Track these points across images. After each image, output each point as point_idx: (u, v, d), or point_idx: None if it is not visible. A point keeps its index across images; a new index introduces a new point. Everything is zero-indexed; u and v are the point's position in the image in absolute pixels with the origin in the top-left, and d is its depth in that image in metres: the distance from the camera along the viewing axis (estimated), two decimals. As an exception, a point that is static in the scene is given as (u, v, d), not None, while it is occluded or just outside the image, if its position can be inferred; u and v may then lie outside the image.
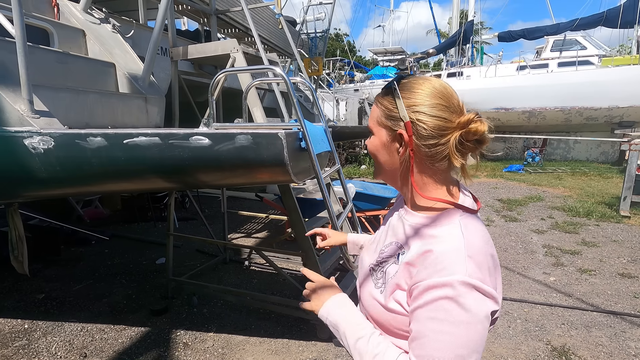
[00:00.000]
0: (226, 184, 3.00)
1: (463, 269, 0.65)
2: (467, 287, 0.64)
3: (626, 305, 3.14)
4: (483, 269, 0.67)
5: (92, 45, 2.89)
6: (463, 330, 0.64)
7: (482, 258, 0.68)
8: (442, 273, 0.66)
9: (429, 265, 0.68)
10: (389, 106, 0.76)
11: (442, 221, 0.74)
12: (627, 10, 11.33)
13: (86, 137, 1.70)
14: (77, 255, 4.36)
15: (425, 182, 0.77)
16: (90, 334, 2.76)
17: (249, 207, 6.26)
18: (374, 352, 0.73)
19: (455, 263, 0.66)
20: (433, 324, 0.65)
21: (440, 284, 0.65)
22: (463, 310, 0.64)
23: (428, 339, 0.66)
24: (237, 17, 4.71)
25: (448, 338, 0.64)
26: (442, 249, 0.69)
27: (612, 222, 5.60)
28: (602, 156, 12.33)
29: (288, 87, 1.76)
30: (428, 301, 0.66)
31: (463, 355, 0.64)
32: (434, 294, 0.66)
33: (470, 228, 0.72)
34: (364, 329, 0.77)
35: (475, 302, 0.64)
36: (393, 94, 0.75)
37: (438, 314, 0.65)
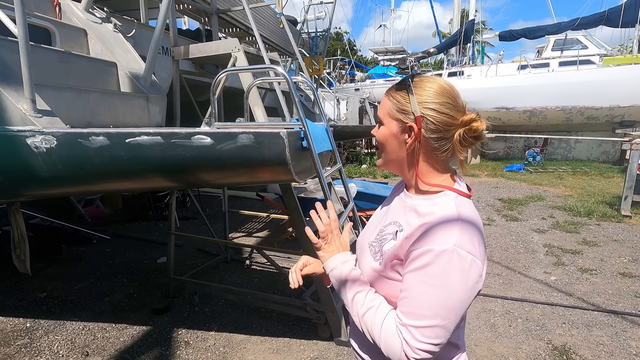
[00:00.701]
0: (228, 183, 3.00)
1: (454, 239, 0.74)
2: (455, 255, 0.73)
3: (627, 305, 3.14)
4: (474, 241, 0.75)
5: (94, 44, 2.89)
6: (446, 293, 0.73)
7: (474, 231, 0.77)
8: (435, 242, 0.74)
9: (424, 235, 0.77)
10: (401, 100, 0.83)
11: (439, 200, 0.83)
12: (628, 10, 11.30)
13: (88, 136, 1.70)
14: (79, 254, 4.38)
15: (428, 170, 0.85)
16: (92, 333, 2.77)
17: (250, 207, 6.27)
18: (369, 305, 0.83)
19: (447, 233, 0.75)
20: (421, 286, 0.74)
21: (431, 251, 0.74)
22: (448, 275, 0.72)
23: (414, 299, 0.75)
24: (238, 16, 4.71)
25: (431, 299, 0.73)
26: (437, 220, 0.78)
27: (613, 221, 5.60)
28: (603, 156, 12.31)
29: (290, 86, 1.76)
30: (419, 266, 0.75)
31: (442, 315, 0.73)
32: (424, 259, 0.74)
33: (464, 205, 0.81)
34: (363, 286, 0.87)
35: (462, 268, 0.73)
36: (407, 90, 0.83)
37: (426, 278, 0.74)
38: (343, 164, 12.42)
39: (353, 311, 0.85)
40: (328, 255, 0.94)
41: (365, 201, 4.92)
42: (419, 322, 0.74)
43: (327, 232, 0.96)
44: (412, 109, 0.81)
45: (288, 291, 3.41)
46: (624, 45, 16.63)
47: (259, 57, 3.27)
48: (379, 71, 20.95)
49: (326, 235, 0.96)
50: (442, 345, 0.75)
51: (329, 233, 0.96)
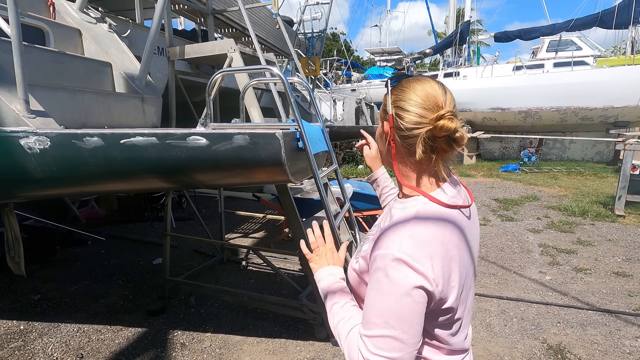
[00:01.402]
0: (224, 184, 2.99)
1: (398, 246, 0.72)
2: (396, 261, 0.70)
3: (621, 304, 3.17)
4: (420, 250, 0.71)
5: (89, 44, 2.87)
6: (391, 300, 0.70)
7: (424, 242, 0.73)
8: (383, 246, 0.74)
9: (379, 239, 0.77)
10: (384, 100, 0.85)
11: (408, 204, 0.82)
12: (622, 11, 11.42)
13: (82, 137, 1.69)
14: (73, 255, 4.34)
15: (407, 171, 0.84)
16: (86, 335, 2.75)
17: (247, 207, 6.25)
18: (341, 316, 0.84)
19: (393, 240, 0.74)
20: (371, 293, 0.74)
21: (378, 256, 0.74)
22: (390, 281, 0.70)
23: (367, 306, 0.74)
24: (234, 16, 4.71)
25: (379, 306, 0.71)
26: (391, 224, 0.78)
27: (607, 221, 5.64)
28: (597, 156, 12.42)
29: (285, 87, 1.76)
30: (371, 272, 0.75)
31: (391, 324, 0.69)
32: (374, 265, 0.74)
33: (428, 211, 0.78)
34: (342, 298, 0.88)
35: (401, 275, 0.70)
36: (388, 91, 0.84)
37: (374, 284, 0.73)
38: (339, 165, 12.37)
39: (330, 322, 0.87)
40: (317, 267, 0.98)
41: (361, 201, 4.93)
42: (370, 332, 0.71)
43: (317, 245, 1.00)
44: (387, 107, 0.83)
45: (284, 292, 3.40)
46: (617, 46, 16.80)
47: (255, 57, 3.27)
48: (375, 72, 20.99)
49: (316, 247, 1.00)
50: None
51: (321, 246, 1.00)
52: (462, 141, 0.76)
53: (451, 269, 0.74)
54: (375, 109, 15.44)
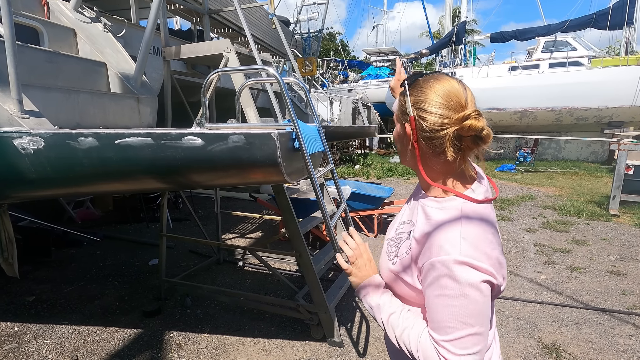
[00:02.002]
0: (219, 184, 2.99)
1: (457, 249, 0.74)
2: (460, 264, 0.73)
3: (615, 303, 3.19)
4: (477, 249, 0.75)
5: (83, 44, 2.86)
6: (464, 301, 0.73)
7: (477, 240, 0.76)
8: (440, 252, 0.75)
9: (430, 246, 0.78)
10: (402, 102, 0.84)
11: (446, 204, 0.82)
12: (616, 12, 11.52)
13: (77, 137, 1.68)
14: (68, 256, 4.32)
15: (433, 170, 0.84)
16: (81, 336, 2.74)
17: (243, 208, 6.24)
18: (404, 325, 0.84)
19: (448, 244, 0.75)
20: (438, 300, 0.75)
21: (438, 263, 0.75)
22: (459, 284, 0.72)
23: (437, 313, 0.76)
24: (230, 16, 4.70)
25: (452, 310, 0.73)
26: (439, 232, 0.78)
27: (601, 220, 5.69)
28: (592, 156, 12.52)
29: (281, 87, 1.76)
30: (431, 281, 0.76)
31: (469, 323, 0.73)
32: (434, 273, 0.75)
33: (471, 212, 0.79)
34: (396, 307, 0.88)
35: (469, 276, 0.73)
36: (406, 92, 0.83)
37: (440, 291, 0.75)
38: (336, 165, 12.36)
39: (390, 333, 0.86)
40: (359, 280, 0.96)
41: (358, 202, 4.94)
42: (449, 336, 0.74)
43: (356, 257, 0.98)
44: (407, 109, 0.81)
45: (281, 292, 3.40)
46: (611, 47, 16.94)
47: (251, 57, 3.27)
48: (372, 72, 21.03)
49: (355, 260, 0.97)
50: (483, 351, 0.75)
51: (358, 257, 0.98)
52: (488, 139, 0.78)
53: (500, 261, 0.78)
54: (372, 108, 15.47)
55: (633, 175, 6.17)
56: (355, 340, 2.68)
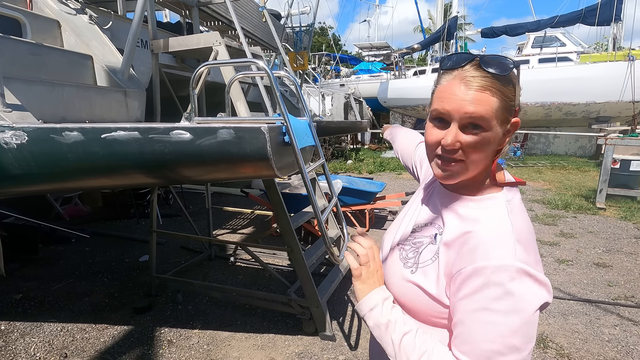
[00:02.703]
0: (209, 179, 2.96)
1: (512, 253, 0.60)
2: (518, 272, 0.59)
3: (601, 294, 3.26)
4: (533, 256, 0.63)
5: (68, 36, 2.79)
6: (515, 318, 0.58)
7: (531, 244, 0.64)
8: (488, 257, 0.61)
9: (472, 250, 0.64)
10: (509, 95, 0.67)
11: (487, 203, 0.70)
12: (604, 8, 11.65)
13: (62, 131, 1.64)
14: (56, 253, 4.25)
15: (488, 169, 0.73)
16: (70, 334, 2.70)
17: (235, 203, 6.21)
18: (422, 349, 0.67)
19: (502, 247, 0.62)
20: (479, 315, 0.60)
21: (485, 269, 0.60)
22: (514, 297, 0.58)
23: (476, 332, 0.60)
24: (219, 9, 4.63)
25: (497, 329, 0.58)
26: (486, 232, 0.65)
27: (588, 213, 5.80)
28: (580, 150, 12.73)
29: (271, 80, 1.73)
30: (471, 291, 0.61)
31: (516, 345, 0.58)
32: (477, 281, 0.61)
33: (517, 210, 0.69)
34: (409, 324, 0.71)
35: (528, 289, 0.59)
36: (515, 80, 0.68)
37: (484, 304, 0.60)
38: (328, 160, 12.35)
39: (402, 355, 0.69)
40: (367, 289, 0.77)
41: (350, 196, 4.95)
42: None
43: (368, 259, 0.79)
44: (516, 102, 0.68)
45: (273, 287, 3.40)
46: (599, 43, 17.16)
47: (241, 51, 3.22)
48: (364, 67, 21.00)
49: (367, 262, 0.78)
50: None
51: (371, 260, 0.79)
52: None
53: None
54: (364, 103, 15.47)
55: (619, 169, 6.30)
56: (347, 334, 2.69)
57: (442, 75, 0.70)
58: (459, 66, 0.67)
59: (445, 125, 0.68)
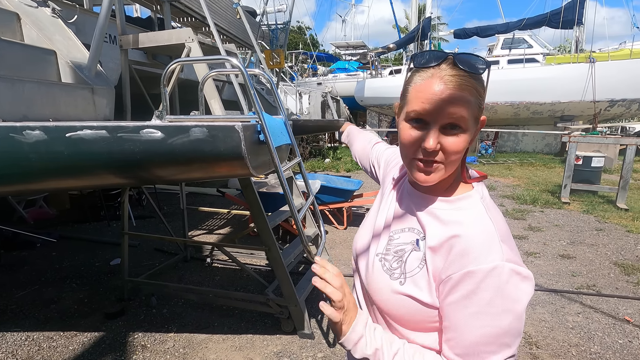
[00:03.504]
0: (183, 179, 2.89)
1: (500, 255, 0.61)
2: (508, 274, 0.60)
3: (565, 284, 3.44)
4: (515, 251, 0.64)
5: (29, 30, 2.64)
6: (507, 318, 0.60)
7: (511, 240, 0.65)
8: (478, 261, 0.61)
9: (461, 255, 0.63)
10: (482, 93, 0.67)
11: (463, 203, 0.70)
12: (567, 12, 12.24)
13: (22, 130, 1.55)
14: (20, 259, 4.03)
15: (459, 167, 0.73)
16: (36, 343, 2.57)
17: (211, 203, 6.09)
18: None
19: (490, 249, 0.62)
20: (474, 319, 0.61)
21: (476, 272, 0.61)
22: (506, 299, 0.60)
23: (471, 334, 0.61)
24: (192, 5, 4.52)
25: (492, 330, 0.60)
26: (473, 235, 0.64)
27: (554, 208, 6.09)
28: (547, 148, 13.33)
29: (245, 78, 1.71)
30: (465, 294, 0.61)
31: (508, 344, 0.60)
32: (470, 285, 0.61)
33: (491, 205, 0.70)
34: (396, 343, 0.70)
35: (518, 289, 0.60)
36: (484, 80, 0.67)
37: (478, 307, 0.60)
38: (306, 159, 12.30)
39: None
40: (347, 325, 0.71)
41: (328, 195, 4.96)
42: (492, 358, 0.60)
43: (342, 300, 0.70)
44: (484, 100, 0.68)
45: (251, 287, 3.37)
46: (563, 45, 18.03)
47: (215, 48, 3.16)
48: (341, 66, 21.10)
49: (343, 305, 0.71)
50: None
51: (345, 299, 0.71)
52: None
53: None
54: (341, 102, 15.54)
55: (582, 165, 6.65)
56: (326, 331, 2.71)
57: (416, 73, 0.68)
58: (433, 64, 0.65)
59: (424, 126, 0.65)
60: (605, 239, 4.61)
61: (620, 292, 3.24)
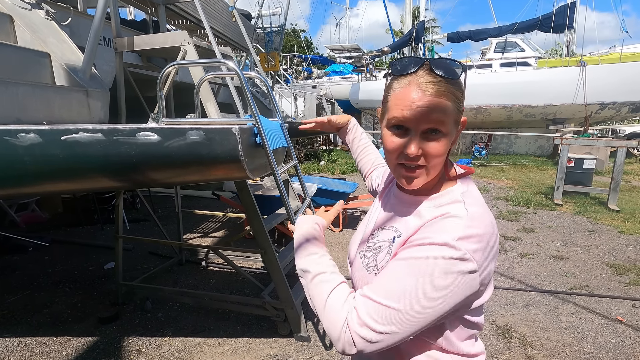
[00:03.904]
0: (179, 182, 2.88)
1: (453, 235, 0.63)
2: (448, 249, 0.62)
3: (559, 284, 3.47)
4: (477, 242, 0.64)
5: (22, 32, 2.62)
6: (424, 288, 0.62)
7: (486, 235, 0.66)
8: (432, 235, 0.65)
9: (423, 230, 0.68)
10: (460, 97, 0.69)
11: (444, 199, 0.73)
12: (558, 17, 12.44)
13: (16, 133, 1.54)
14: (12, 264, 3.97)
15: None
16: (29, 349, 2.54)
17: (206, 206, 6.06)
18: (324, 268, 0.74)
19: (448, 230, 0.64)
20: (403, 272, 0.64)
21: (426, 243, 0.64)
22: (432, 266, 0.62)
23: (389, 279, 0.64)
24: (187, 7, 4.51)
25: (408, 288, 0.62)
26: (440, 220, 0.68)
27: (547, 209, 6.15)
28: (539, 150, 13.49)
29: (241, 81, 1.72)
30: (408, 256, 0.65)
31: (411, 307, 0.62)
32: (417, 251, 0.64)
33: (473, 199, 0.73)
34: (326, 263, 0.76)
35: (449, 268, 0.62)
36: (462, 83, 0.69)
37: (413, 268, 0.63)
38: (302, 161, 12.33)
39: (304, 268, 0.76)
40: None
41: (323, 197, 4.97)
42: (381, 299, 0.62)
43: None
44: (464, 102, 0.71)
45: (246, 291, 3.35)
46: (554, 49, 18.28)
47: (211, 51, 3.16)
48: (335, 68, 21.18)
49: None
50: (379, 346, 0.62)
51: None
52: None
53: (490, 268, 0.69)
54: (336, 105, 15.60)
55: (574, 167, 6.74)
56: (322, 334, 2.70)
57: (394, 80, 0.70)
58: (410, 71, 0.67)
59: (405, 132, 0.68)
60: (597, 240, 4.67)
61: (612, 293, 3.29)
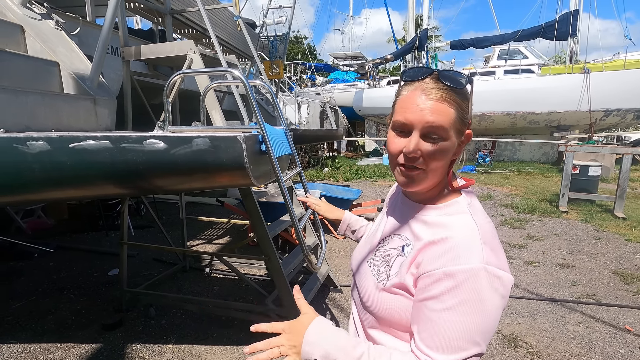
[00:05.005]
0: (184, 189, 2.90)
1: (480, 256, 0.65)
2: (486, 277, 0.64)
3: (565, 293, 3.43)
4: (498, 254, 0.68)
5: (33, 42, 2.67)
6: (479, 317, 0.63)
7: (495, 242, 0.69)
8: (459, 261, 0.65)
9: (442, 254, 0.67)
10: (465, 107, 0.72)
11: (450, 209, 0.75)
12: (561, 24, 12.47)
13: (26, 141, 1.57)
14: (17, 270, 4.00)
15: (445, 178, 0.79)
16: (33, 355, 2.54)
17: (210, 213, 6.08)
18: (384, 354, 0.68)
19: (471, 250, 0.66)
20: (448, 314, 0.64)
21: (455, 273, 0.64)
22: (481, 298, 0.63)
23: (445, 329, 0.64)
24: (194, 17, 4.59)
25: (465, 326, 0.63)
26: (456, 237, 0.68)
27: (552, 217, 6.10)
28: (544, 157, 13.43)
29: (247, 89, 1.74)
30: (440, 292, 0.65)
31: (478, 342, 0.64)
32: (449, 283, 0.64)
33: (478, 211, 0.74)
34: (360, 346, 0.69)
35: (491, 289, 0.64)
36: (469, 94, 0.73)
37: (452, 303, 0.64)
38: (305, 168, 12.36)
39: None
40: (299, 341, 0.72)
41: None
42: (454, 356, 0.63)
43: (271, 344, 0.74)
44: (469, 115, 0.74)
45: (250, 298, 3.35)
46: (557, 56, 18.30)
47: (216, 59, 3.21)
48: (339, 76, 21.31)
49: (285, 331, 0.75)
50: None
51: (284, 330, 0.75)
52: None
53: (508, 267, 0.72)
54: (339, 112, 15.67)
55: (579, 174, 6.69)
56: (326, 342, 2.69)
57: (404, 86, 0.75)
58: (418, 78, 0.72)
59: (407, 134, 0.72)
60: (603, 247, 4.62)
61: (620, 301, 3.24)
